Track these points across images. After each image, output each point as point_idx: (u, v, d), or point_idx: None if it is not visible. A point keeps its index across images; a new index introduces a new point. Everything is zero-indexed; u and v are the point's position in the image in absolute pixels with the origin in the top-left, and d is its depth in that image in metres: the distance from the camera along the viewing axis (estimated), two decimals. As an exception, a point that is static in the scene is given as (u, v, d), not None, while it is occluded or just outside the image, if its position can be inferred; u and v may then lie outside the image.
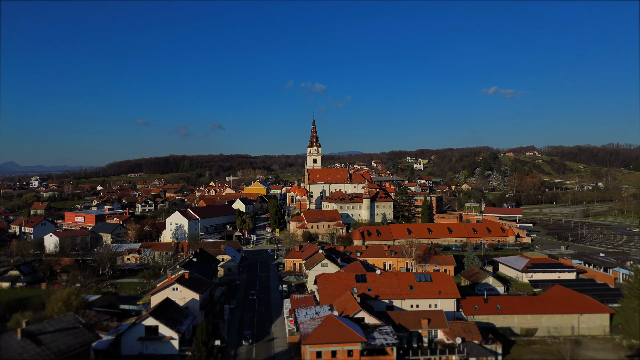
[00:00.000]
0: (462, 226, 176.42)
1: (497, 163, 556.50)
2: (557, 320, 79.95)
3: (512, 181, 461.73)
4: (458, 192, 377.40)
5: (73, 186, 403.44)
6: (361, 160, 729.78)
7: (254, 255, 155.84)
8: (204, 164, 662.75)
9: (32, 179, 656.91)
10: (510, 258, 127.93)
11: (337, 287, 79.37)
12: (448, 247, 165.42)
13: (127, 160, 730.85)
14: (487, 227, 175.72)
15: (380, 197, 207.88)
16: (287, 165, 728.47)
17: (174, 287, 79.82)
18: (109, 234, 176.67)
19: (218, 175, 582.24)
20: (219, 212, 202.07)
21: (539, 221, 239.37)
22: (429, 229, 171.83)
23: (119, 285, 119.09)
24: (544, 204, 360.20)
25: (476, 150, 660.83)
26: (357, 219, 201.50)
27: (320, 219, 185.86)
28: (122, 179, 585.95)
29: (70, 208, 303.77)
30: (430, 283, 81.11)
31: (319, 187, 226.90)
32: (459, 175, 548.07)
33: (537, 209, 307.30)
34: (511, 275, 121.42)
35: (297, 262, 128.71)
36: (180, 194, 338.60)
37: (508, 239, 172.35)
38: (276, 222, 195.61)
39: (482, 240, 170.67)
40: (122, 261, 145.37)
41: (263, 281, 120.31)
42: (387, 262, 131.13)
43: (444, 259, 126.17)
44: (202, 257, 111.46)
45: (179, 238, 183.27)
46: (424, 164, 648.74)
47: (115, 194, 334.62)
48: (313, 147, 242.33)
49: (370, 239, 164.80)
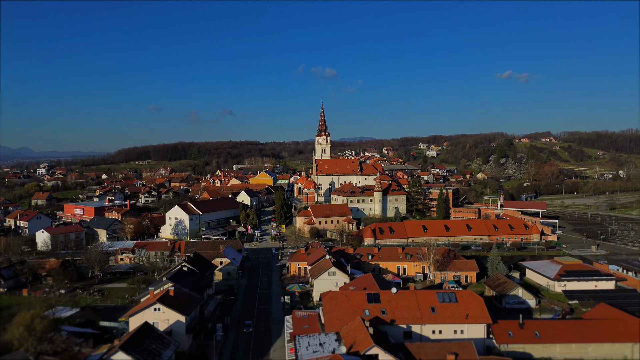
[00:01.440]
0: (481, 223, 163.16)
1: (512, 150, 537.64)
2: (607, 349, 67.42)
3: (529, 169, 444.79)
4: (473, 181, 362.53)
5: (78, 175, 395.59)
6: (372, 147, 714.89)
7: (257, 255, 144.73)
8: (213, 151, 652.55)
9: (41, 166, 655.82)
10: (540, 263, 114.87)
11: (345, 310, 67.48)
12: (467, 245, 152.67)
13: (134, 147, 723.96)
14: (509, 224, 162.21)
15: (392, 190, 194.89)
16: (297, 152, 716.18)
17: (155, 307, 68.54)
18: (104, 230, 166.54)
19: (226, 163, 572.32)
20: (222, 206, 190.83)
21: (562, 215, 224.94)
22: (446, 226, 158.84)
23: (107, 291, 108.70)
24: (564, 193, 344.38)
25: (490, 136, 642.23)
26: (368, 213, 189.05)
27: (328, 213, 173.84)
28: (129, 167, 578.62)
29: (72, 198, 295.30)
30: (456, 304, 68.84)
31: (328, 179, 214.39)
32: (473, 162, 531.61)
33: (558, 200, 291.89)
34: (541, 282, 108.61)
35: (302, 265, 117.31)
36: (185, 183, 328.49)
37: (532, 236, 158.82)
38: (282, 217, 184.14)
39: (504, 239, 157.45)
40: (115, 261, 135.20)
41: (264, 288, 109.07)
42: (402, 266, 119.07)
43: (465, 264, 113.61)
44: (197, 262, 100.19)
45: (179, 234, 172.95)
46: (436, 150, 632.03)
47: (119, 183, 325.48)
48: (322, 136, 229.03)
49: (383, 237, 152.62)
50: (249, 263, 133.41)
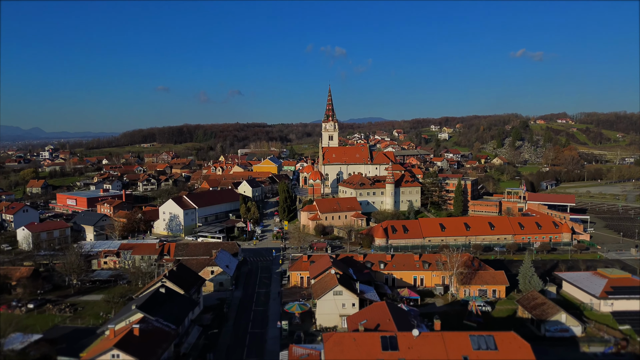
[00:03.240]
0: (505, 220, 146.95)
1: (528, 132, 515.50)
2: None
3: (547, 154, 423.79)
4: (489, 167, 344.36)
5: (78, 159, 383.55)
6: (382, 129, 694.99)
7: (256, 257, 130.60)
8: (219, 134, 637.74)
9: (45, 149, 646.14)
10: (580, 276, 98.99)
11: (353, 358, 52.70)
12: (489, 246, 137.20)
13: (140, 130, 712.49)
14: (536, 222, 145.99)
15: (406, 182, 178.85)
16: (305, 135, 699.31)
17: (113, 353, 54.36)
18: (92, 227, 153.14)
19: (232, 147, 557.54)
20: (220, 199, 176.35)
21: (589, 206, 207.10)
22: (466, 224, 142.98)
23: (82, 305, 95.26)
24: (586, 180, 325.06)
25: (505, 118, 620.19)
26: (379, 207, 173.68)
27: (335, 208, 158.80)
28: (134, 150, 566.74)
29: (69, 185, 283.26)
30: (495, 352, 53.74)
31: (335, 168, 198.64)
32: (487, 145, 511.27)
33: (581, 188, 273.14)
34: (582, 299, 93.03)
35: (304, 275, 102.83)
36: (187, 170, 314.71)
37: (562, 236, 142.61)
38: (285, 211, 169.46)
39: (530, 239, 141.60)
40: (99, 265, 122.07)
41: (261, 304, 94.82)
42: (419, 276, 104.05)
43: (492, 276, 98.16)
44: (180, 278, 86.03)
45: (173, 229, 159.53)
46: (449, 133, 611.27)
47: (119, 169, 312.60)
48: (329, 122, 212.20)
49: (396, 236, 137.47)
50: (247, 268, 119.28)
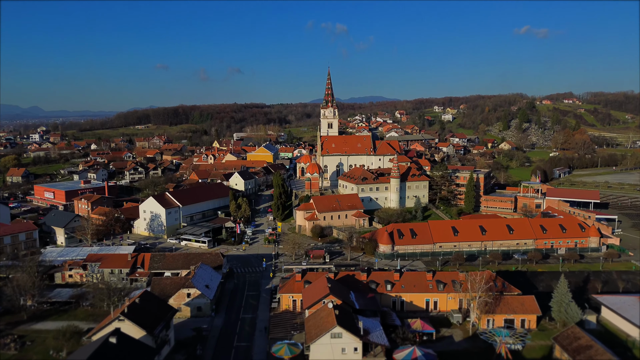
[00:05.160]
0: (525, 223, 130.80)
1: (535, 114, 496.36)
2: None
3: (557, 137, 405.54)
4: (497, 152, 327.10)
5: (66, 144, 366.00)
6: (384, 110, 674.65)
7: (244, 266, 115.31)
8: (215, 115, 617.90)
9: (38, 130, 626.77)
10: (625, 301, 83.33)
11: None
12: (508, 253, 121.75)
13: (134, 111, 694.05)
14: (560, 224, 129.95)
15: (412, 175, 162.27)
16: (304, 116, 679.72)
17: None
18: (62, 229, 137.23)
19: (229, 128, 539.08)
20: (208, 195, 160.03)
21: (610, 200, 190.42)
22: (481, 227, 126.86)
23: (33, 337, 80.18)
24: (599, 167, 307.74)
25: (510, 98, 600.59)
26: (383, 204, 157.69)
27: (335, 207, 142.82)
28: (128, 132, 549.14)
29: (52, 174, 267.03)
30: None
31: (335, 160, 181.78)
32: (493, 128, 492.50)
33: (597, 176, 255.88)
34: (628, 331, 77.78)
35: (297, 297, 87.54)
36: (179, 156, 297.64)
37: (589, 240, 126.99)
38: (280, 209, 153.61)
39: (554, 243, 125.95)
40: (63, 279, 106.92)
41: (245, 336, 79.60)
42: (432, 299, 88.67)
43: (521, 302, 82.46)
44: (145, 311, 70.50)
45: (155, 230, 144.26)
46: (452, 114, 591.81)
47: (106, 156, 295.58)
48: (328, 108, 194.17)
49: (402, 242, 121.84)
50: (232, 283, 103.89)
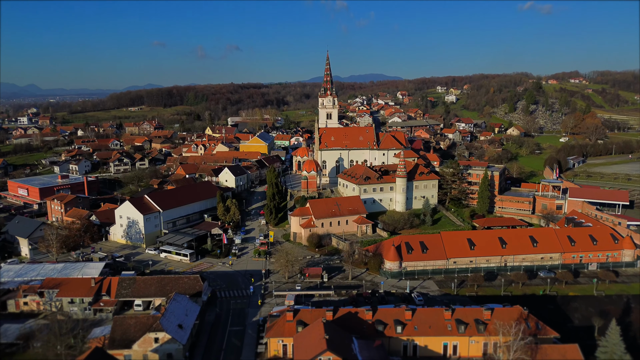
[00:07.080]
0: (551, 234, 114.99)
1: (542, 95, 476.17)
2: None
3: (567, 121, 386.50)
4: (506, 139, 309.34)
5: (52, 129, 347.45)
6: (385, 90, 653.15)
7: (230, 288, 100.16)
8: (210, 96, 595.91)
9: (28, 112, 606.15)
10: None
11: None
12: (532, 270, 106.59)
13: (127, 92, 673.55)
14: (590, 234, 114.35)
15: (420, 174, 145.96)
16: (303, 97, 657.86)
17: None
18: (26, 240, 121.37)
19: (224, 111, 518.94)
20: (193, 196, 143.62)
21: (634, 197, 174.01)
22: (501, 239, 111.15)
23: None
24: (614, 154, 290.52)
25: (515, 78, 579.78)
26: (388, 205, 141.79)
27: (334, 212, 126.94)
28: (120, 114, 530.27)
29: (32, 164, 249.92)
30: None
31: (335, 154, 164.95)
32: (498, 110, 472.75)
33: (614, 166, 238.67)
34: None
35: (288, 342, 72.44)
36: (168, 144, 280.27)
37: (622, 253, 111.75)
38: (273, 212, 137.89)
39: (583, 257, 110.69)
40: (17, 307, 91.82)
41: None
42: (450, 343, 73.53)
43: (562, 354, 67.28)
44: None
45: (133, 238, 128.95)
46: (456, 95, 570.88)
47: (92, 144, 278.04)
48: (326, 97, 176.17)
49: (411, 257, 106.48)
50: (213, 314, 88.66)
